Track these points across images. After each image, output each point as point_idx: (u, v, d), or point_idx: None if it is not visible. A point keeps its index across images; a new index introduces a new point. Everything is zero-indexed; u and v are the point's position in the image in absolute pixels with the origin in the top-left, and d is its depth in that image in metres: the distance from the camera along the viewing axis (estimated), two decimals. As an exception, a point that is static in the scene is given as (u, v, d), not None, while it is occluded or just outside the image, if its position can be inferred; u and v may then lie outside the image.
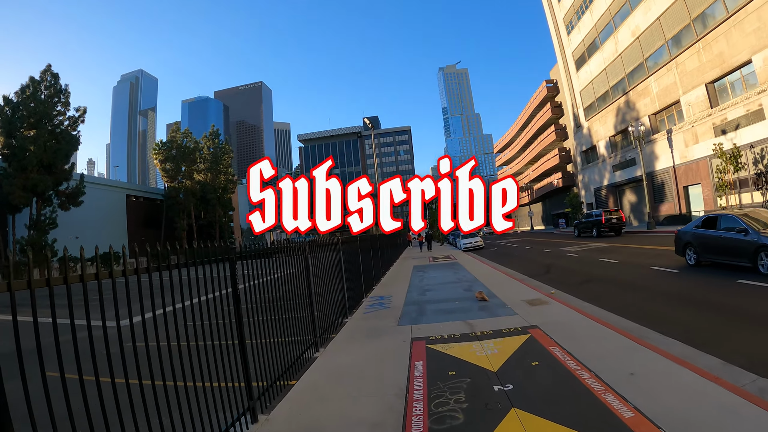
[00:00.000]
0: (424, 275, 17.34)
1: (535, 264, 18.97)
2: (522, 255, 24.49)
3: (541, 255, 22.93)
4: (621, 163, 40.70)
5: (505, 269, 17.29)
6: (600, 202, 46.06)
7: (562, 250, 23.34)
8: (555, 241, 33.33)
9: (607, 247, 22.29)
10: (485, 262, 20.64)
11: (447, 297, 11.46)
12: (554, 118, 59.45)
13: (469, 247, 32.92)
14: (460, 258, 24.40)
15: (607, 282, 12.38)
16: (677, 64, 32.02)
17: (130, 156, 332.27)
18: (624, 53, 38.59)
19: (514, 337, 6.90)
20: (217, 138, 79.08)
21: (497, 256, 25.01)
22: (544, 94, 60.64)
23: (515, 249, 29.98)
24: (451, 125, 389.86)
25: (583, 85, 46.86)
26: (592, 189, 47.62)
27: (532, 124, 67.92)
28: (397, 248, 32.91)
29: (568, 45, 49.97)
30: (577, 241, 28.73)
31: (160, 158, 71.71)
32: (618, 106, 40.39)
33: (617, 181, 41.73)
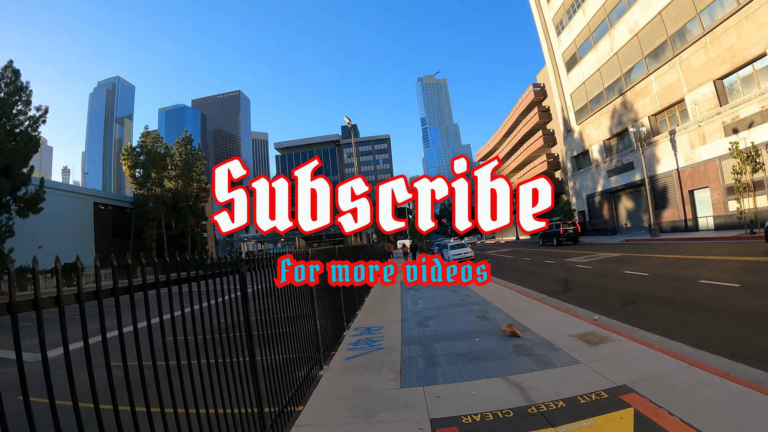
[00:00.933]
0: (418, 295, 14.31)
1: (547, 278, 16.17)
2: (523, 267, 21.71)
3: (547, 267, 20.18)
4: (617, 167, 38.41)
5: (513, 286, 14.43)
6: (593, 209, 43.78)
7: (568, 261, 20.64)
8: (551, 251, 30.79)
9: (621, 257, 19.67)
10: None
11: (459, 329, 8.51)
12: (542, 123, 57.30)
13: (458, 259, 29.91)
14: None
15: (657, 302, 9.62)
16: (681, 61, 29.87)
17: (106, 164, 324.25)
18: (621, 52, 36.44)
19: (608, 417, 4.01)
20: (190, 144, 75.40)
21: (495, 270, 22.11)
22: (531, 99, 58.49)
23: (511, 260, 27.29)
24: (429, 135, 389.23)
25: (575, 87, 44.70)
26: (584, 196, 45.32)
27: (517, 130, 65.74)
28: (380, 260, 30.05)
29: (557, 46, 47.86)
30: (581, 251, 26.25)
31: (129, 164, 67.89)
32: (613, 107, 38.19)
33: (612, 187, 39.43)
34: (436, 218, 46.12)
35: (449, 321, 9.49)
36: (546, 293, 12.35)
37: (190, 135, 76.73)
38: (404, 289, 15.66)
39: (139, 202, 67.32)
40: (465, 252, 30.72)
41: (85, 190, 72.92)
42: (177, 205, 72.16)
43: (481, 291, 13.46)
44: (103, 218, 69.56)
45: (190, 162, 73.70)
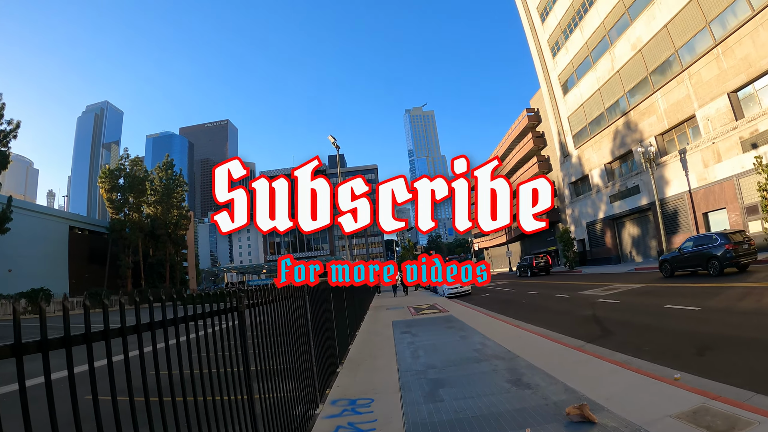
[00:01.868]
0: (416, 341, 11.12)
1: (570, 317, 13.28)
2: (534, 303, 18.74)
3: (562, 302, 17.30)
4: (620, 192, 36.12)
5: (535, 328, 11.47)
6: (594, 237, 41.31)
7: (585, 295, 17.80)
8: (555, 283, 28.11)
9: (647, 289, 17.00)
10: (494, 316, 14.72)
11: (491, 407, 5.32)
12: (536, 149, 55.18)
13: (454, 293, 26.79)
14: (451, 308, 18.41)
15: (747, 347, 6.90)
16: (691, 75, 27.90)
17: (91, 189, 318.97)
18: (623, 69, 34.57)
19: None
20: (171, 169, 72.51)
21: (500, 305, 19.25)
22: (525, 124, 56.52)
23: (513, 294, 24.38)
24: (416, 167, 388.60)
25: (572, 109, 42.79)
26: (583, 224, 42.85)
27: (510, 157, 63.58)
28: (367, 294, 27.16)
29: (553, 68, 46.21)
30: (591, 282, 23.73)
31: (107, 187, 64.71)
32: (615, 129, 36.12)
33: (616, 213, 37.03)
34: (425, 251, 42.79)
35: (470, 389, 6.28)
36: (581, 338, 9.51)
37: (171, 160, 73.97)
38: (398, 333, 12.70)
39: (115, 228, 63.90)
40: (462, 286, 27.11)
41: (61, 212, 69.42)
42: (155, 233, 68.79)
43: (498, 336, 10.59)
44: (78, 243, 66.00)
45: (171, 188, 70.66)
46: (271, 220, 6.37)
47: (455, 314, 16.12)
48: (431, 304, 21.70)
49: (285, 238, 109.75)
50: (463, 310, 17.38)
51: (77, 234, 67.23)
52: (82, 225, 69.29)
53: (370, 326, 15.66)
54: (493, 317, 14.43)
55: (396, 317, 17.43)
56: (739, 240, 16.99)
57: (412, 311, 19.17)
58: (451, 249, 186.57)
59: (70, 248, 64.97)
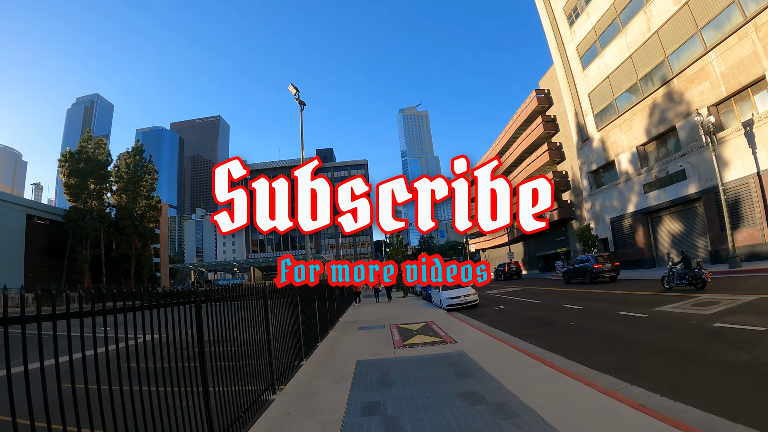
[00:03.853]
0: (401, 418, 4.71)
1: (707, 365, 6.71)
2: (588, 326, 11.14)
3: (642, 327, 10.20)
4: (658, 179, 29.53)
5: (668, 404, 4.91)
6: (621, 235, 34.61)
7: (674, 314, 11.18)
8: (587, 291, 21.68)
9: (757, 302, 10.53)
10: (546, 360, 7.63)
11: None
12: (546, 135, 48.53)
13: (454, 305, 19.74)
14: (456, 333, 11.77)
15: None
16: (757, 27, 21.65)
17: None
18: (663, 29, 28.04)
19: None
20: (140, 155, 65.47)
21: (533, 328, 12.40)
22: (534, 107, 49.86)
23: (541, 307, 17.42)
24: (409, 168, 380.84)
25: (594, 84, 36.21)
26: (606, 219, 36.11)
27: (516, 146, 56.90)
28: (339, 303, 20.48)
29: (570, 39, 39.67)
30: (641, 291, 17.33)
31: (66, 171, 57.73)
32: (653, 102, 29.59)
33: (651, 206, 30.40)
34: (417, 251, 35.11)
35: None
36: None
37: (141, 145, 66.97)
38: (357, 410, 6.15)
39: (71, 217, 56.73)
40: (466, 295, 20.08)
41: (18, 199, 62.16)
42: (119, 224, 61.77)
43: (558, 412, 4.02)
44: (37, 234, 58.77)
45: (138, 175, 63.61)
46: (271, 220, 6.72)
47: (468, 349, 9.51)
48: (425, 322, 14.96)
49: (269, 236, 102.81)
50: (479, 340, 10.78)
51: (36, 223, 60.20)
52: (43, 214, 62.11)
53: (312, 374, 8.87)
54: (547, 363, 7.55)
55: (367, 350, 10.75)
56: None
57: (396, 336, 12.42)
58: (443, 251, 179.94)
59: (28, 239, 57.98)
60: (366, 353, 10.24)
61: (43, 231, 59.99)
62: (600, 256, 26.08)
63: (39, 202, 65.87)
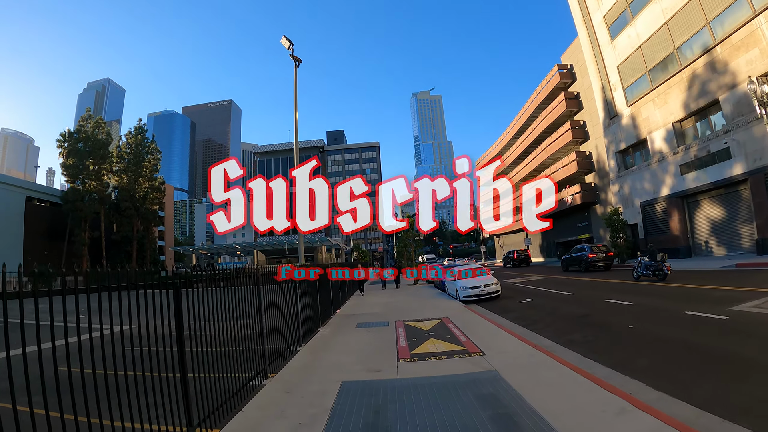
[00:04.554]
0: None
1: None
2: (647, 331, 9.16)
3: (733, 336, 7.84)
4: (697, 159, 26.49)
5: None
6: (652, 221, 31.56)
7: (756, 314, 8.55)
8: (624, 282, 19.02)
9: None
10: (609, 385, 5.71)
11: None
12: (569, 113, 45.18)
13: (472, 296, 17.10)
14: (481, 338, 9.22)
15: None
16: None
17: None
18: (706, -10, 24.87)
19: None
20: (142, 134, 63.22)
21: (573, 329, 9.73)
22: (555, 83, 46.43)
23: (577, 300, 14.86)
24: (422, 153, 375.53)
25: (624, 56, 32.95)
26: (636, 203, 32.99)
27: (533, 126, 53.51)
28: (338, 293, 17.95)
29: (596, 8, 36.32)
30: (695, 284, 14.64)
31: (64, 152, 55.77)
32: (692, 73, 26.46)
33: (689, 189, 27.34)
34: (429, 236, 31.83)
35: None
36: None
37: (144, 124, 64.56)
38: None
39: (69, 198, 54.80)
40: (486, 284, 17.40)
41: (16, 180, 60.39)
42: (120, 205, 59.79)
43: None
44: (36, 216, 57.24)
45: (140, 155, 61.43)
46: (269, 220, 6.67)
47: (504, 368, 6.99)
48: (439, 319, 12.39)
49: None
50: (514, 350, 8.18)
51: (35, 206, 58.59)
52: (42, 196, 60.41)
53: (270, 406, 6.24)
54: (646, 408, 4.77)
55: (360, 362, 8.22)
56: None
57: (402, 341, 9.88)
58: (455, 237, 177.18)
59: (27, 221, 56.45)
60: (358, 368, 7.72)
61: (43, 213, 58.43)
62: (595, 246, 29.15)
63: (39, 184, 63.89)
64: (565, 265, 30.83)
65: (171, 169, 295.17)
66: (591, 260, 27.37)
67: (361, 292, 24.00)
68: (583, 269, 27.85)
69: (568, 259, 30.31)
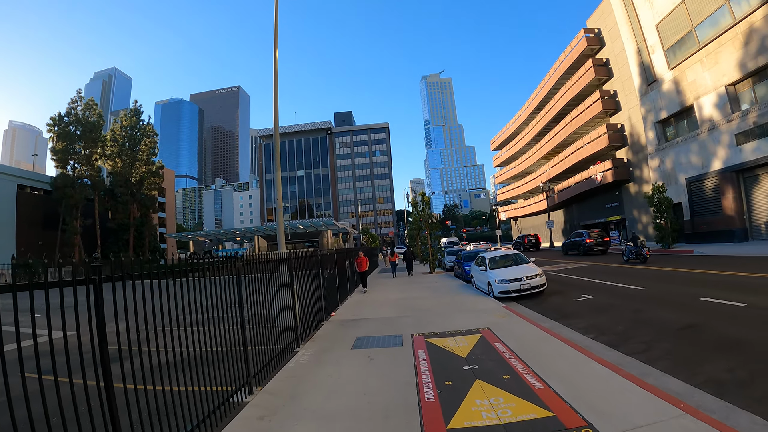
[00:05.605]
0: None
1: None
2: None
3: None
4: (758, 126, 22.52)
5: None
6: (700, 199, 27.56)
7: None
8: (679, 270, 15.41)
9: None
10: None
11: None
12: (597, 81, 40.92)
13: (512, 291, 13.30)
14: (551, 369, 5.80)
15: None
16: None
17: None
18: None
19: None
20: (138, 116, 59.84)
21: (693, 350, 6.28)
22: (582, 50, 41.99)
23: (656, 301, 10.69)
24: (432, 136, 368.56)
25: (665, 12, 28.75)
26: (681, 180, 28.95)
27: (557, 98, 49.06)
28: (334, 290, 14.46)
29: (631, -40, 32.11)
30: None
31: (54, 136, 52.60)
32: (748, 27, 22.42)
33: (747, 161, 23.37)
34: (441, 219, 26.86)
35: None
36: None
37: (139, 106, 61.06)
38: None
39: (58, 184, 51.70)
40: (529, 275, 13.48)
41: (6, 168, 57.33)
42: (114, 191, 56.70)
43: None
44: (29, 205, 54.35)
45: (135, 138, 58.11)
46: None
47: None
48: (477, 332, 8.63)
49: (285, 204, 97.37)
50: (644, 409, 4.24)
51: (28, 194, 55.73)
52: (35, 184, 57.49)
53: None
54: None
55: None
56: None
57: (429, 387, 5.75)
58: (467, 221, 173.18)
59: (19, 210, 53.66)
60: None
61: (36, 202, 55.67)
62: (592, 232, 30.84)
63: (32, 171, 60.82)
64: (565, 249, 33.54)
65: (180, 156, 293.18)
66: (588, 245, 29.97)
67: (364, 287, 19.77)
68: (581, 253, 30.36)
69: (568, 244, 33.08)
